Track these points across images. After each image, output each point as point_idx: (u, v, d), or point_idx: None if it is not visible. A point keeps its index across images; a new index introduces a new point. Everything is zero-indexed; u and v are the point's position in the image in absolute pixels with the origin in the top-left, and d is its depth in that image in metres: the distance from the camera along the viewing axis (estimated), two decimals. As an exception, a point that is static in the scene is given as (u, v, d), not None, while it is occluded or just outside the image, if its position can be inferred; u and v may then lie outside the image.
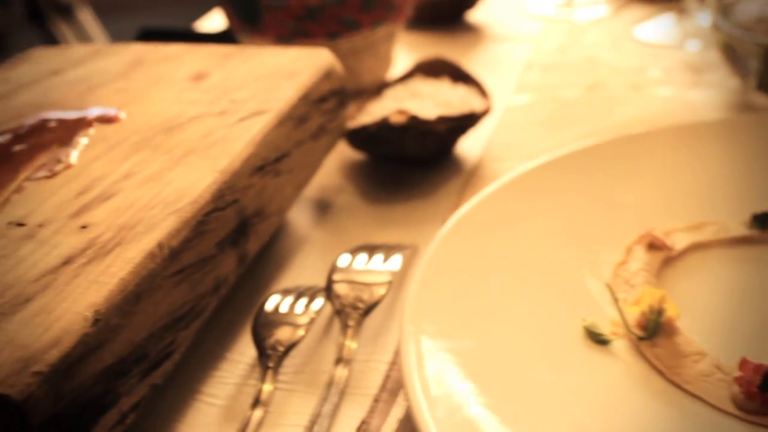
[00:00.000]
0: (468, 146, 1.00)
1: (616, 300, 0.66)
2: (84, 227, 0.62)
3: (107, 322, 0.54)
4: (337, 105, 0.88)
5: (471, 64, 1.21)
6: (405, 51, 1.28)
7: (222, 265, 0.67)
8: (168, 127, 0.76)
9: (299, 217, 0.90)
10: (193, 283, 0.63)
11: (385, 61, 1.16)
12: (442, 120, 0.90)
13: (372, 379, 0.68)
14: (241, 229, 0.70)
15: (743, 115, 1.01)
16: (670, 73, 1.15)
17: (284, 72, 0.85)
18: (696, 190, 0.83)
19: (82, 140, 0.74)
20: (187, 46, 0.94)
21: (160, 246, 0.60)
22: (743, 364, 0.61)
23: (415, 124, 0.88)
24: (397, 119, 0.88)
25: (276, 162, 0.76)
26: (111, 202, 0.65)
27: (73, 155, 0.72)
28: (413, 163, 0.95)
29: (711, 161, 0.86)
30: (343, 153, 0.98)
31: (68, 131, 0.76)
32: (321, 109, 0.85)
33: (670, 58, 1.20)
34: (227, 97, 0.81)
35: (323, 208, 0.91)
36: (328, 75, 0.86)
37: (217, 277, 0.67)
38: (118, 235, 0.61)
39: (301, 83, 0.82)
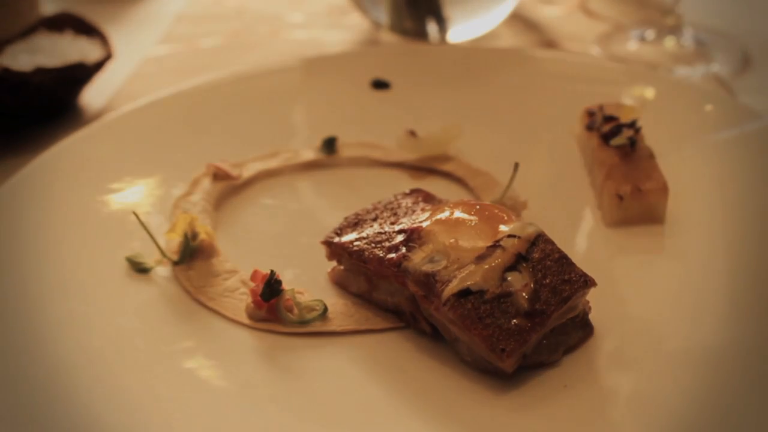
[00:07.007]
0: (94, 97, 1.00)
1: (146, 230, 0.68)
2: None
3: None
4: (-77, 62, 0.85)
5: (124, 20, 1.20)
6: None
7: None
8: None
9: None
10: None
11: (26, 17, 1.13)
12: (40, 71, 0.89)
13: None
14: None
15: (336, 54, 1.05)
16: (312, 17, 1.19)
17: None
18: (279, 122, 0.87)
19: None
20: None
21: None
22: (254, 275, 0.64)
23: (7, 76, 0.87)
24: (-14, 73, 0.87)
25: None
26: None
27: None
28: (25, 117, 0.93)
29: (296, 96, 0.90)
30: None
31: None
32: None
33: (317, 3, 1.23)
34: None
35: None
36: None
37: None
38: None
39: None
